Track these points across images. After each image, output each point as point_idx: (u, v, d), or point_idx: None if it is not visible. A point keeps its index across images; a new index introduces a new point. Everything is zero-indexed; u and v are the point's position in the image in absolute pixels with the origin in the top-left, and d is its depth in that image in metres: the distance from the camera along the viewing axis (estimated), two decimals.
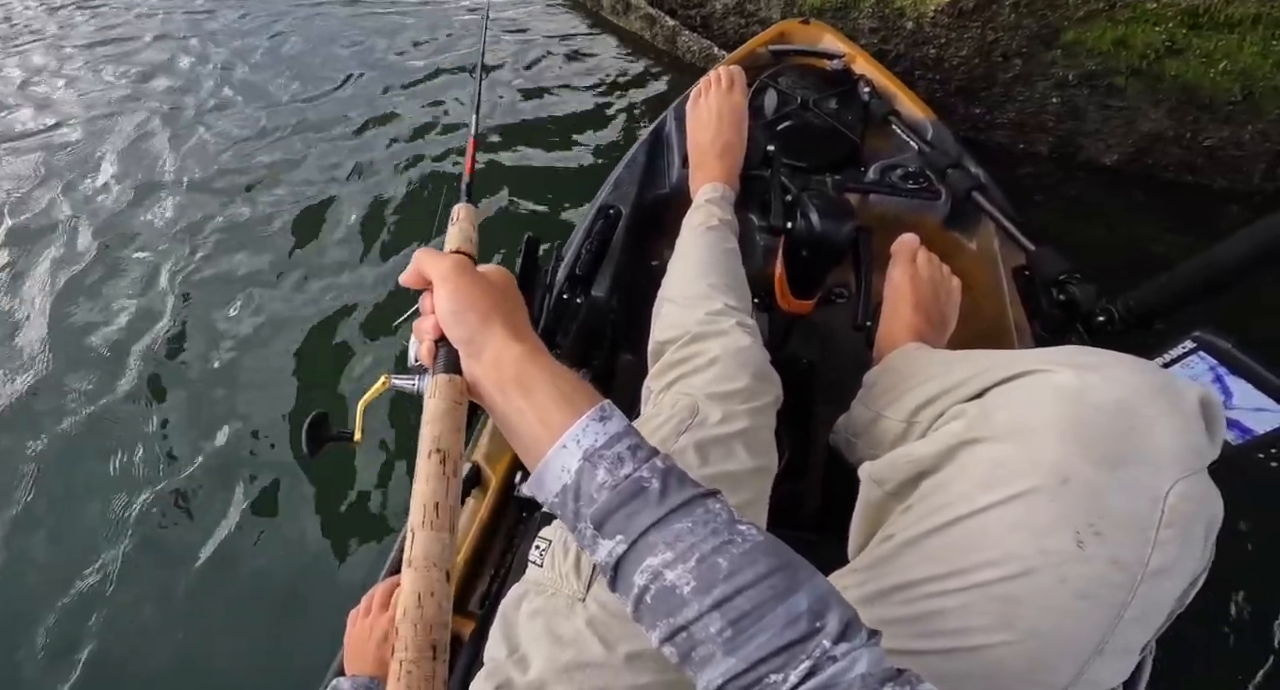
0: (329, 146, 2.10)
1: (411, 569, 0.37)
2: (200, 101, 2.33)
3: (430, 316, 0.47)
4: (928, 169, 1.19)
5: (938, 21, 1.77)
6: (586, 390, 0.43)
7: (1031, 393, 0.52)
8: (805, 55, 1.40)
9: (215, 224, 1.86)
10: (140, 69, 2.52)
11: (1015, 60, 1.75)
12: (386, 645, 0.68)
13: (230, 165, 2.05)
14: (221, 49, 2.62)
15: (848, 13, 1.89)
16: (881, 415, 0.72)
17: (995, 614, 0.46)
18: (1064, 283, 0.89)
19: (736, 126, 1.06)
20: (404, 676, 0.34)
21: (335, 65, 2.47)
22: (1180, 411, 0.47)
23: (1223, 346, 0.67)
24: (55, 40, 2.77)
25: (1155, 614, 0.46)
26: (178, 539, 1.25)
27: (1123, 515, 0.45)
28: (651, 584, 0.37)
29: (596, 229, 1.12)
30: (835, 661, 0.33)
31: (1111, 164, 1.80)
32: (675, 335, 0.75)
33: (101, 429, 1.42)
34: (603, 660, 0.51)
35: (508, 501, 0.89)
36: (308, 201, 1.90)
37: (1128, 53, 1.63)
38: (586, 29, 2.60)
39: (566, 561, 0.57)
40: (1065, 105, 1.77)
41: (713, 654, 0.35)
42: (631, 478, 0.39)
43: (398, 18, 2.74)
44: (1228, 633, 1.08)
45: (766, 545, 0.38)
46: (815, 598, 0.36)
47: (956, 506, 0.50)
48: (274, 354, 1.53)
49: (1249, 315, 1.39)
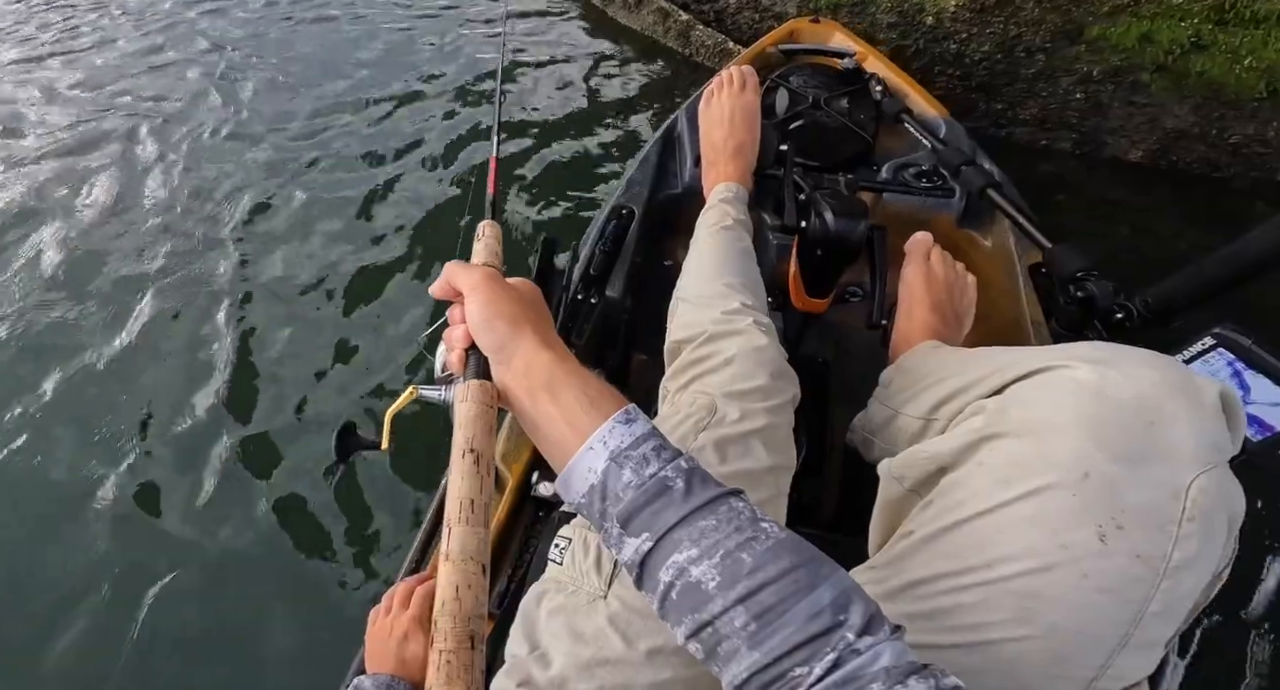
0: (351, 160, 2.12)
1: (449, 562, 0.38)
2: (219, 117, 2.35)
3: (460, 325, 0.48)
4: (941, 167, 1.19)
5: (958, 17, 1.76)
6: (612, 394, 0.44)
7: (1051, 389, 0.52)
8: (816, 54, 1.40)
9: (248, 235, 1.88)
10: (147, 97, 2.51)
11: (1038, 56, 1.73)
12: (407, 643, 0.68)
13: (251, 180, 2.07)
14: (233, 56, 2.64)
15: (865, 8, 1.87)
16: (899, 413, 0.72)
17: (1015, 609, 0.46)
18: (1081, 280, 0.88)
19: (749, 126, 1.06)
20: (444, 666, 0.34)
21: (350, 81, 2.47)
22: (1200, 407, 0.47)
23: (1242, 343, 0.67)
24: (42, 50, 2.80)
25: (1179, 608, 0.46)
26: (197, 540, 1.27)
27: (1144, 510, 0.45)
28: (677, 580, 0.38)
29: (610, 229, 1.12)
30: (859, 655, 0.33)
31: (1135, 160, 1.78)
32: (692, 335, 0.75)
33: (120, 435, 1.44)
34: (624, 656, 0.52)
35: (524, 501, 0.89)
36: (335, 218, 1.92)
37: (1153, 48, 1.61)
38: (597, 28, 2.60)
39: (587, 559, 0.57)
40: (1089, 101, 1.75)
41: (737, 648, 0.36)
42: (657, 477, 0.40)
43: (413, 25, 2.76)
44: (1250, 629, 1.07)
45: (789, 541, 0.38)
46: (838, 592, 0.36)
47: (976, 502, 0.50)
48: (301, 366, 1.55)
49: (1269, 312, 1.37)
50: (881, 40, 1.87)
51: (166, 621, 1.18)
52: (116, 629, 1.16)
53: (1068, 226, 1.68)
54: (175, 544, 1.27)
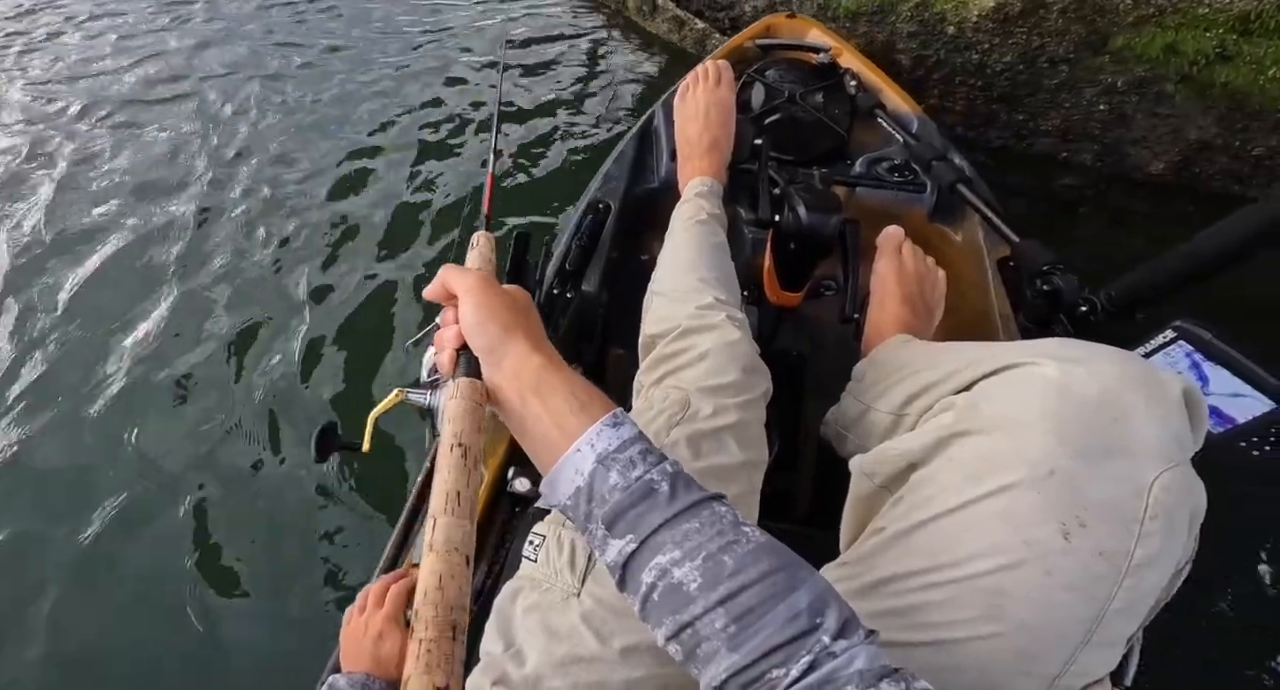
0: (348, 166, 2.10)
1: (433, 552, 0.38)
2: (222, 118, 2.31)
3: (453, 326, 0.49)
4: (913, 162, 1.20)
5: (981, 27, 1.74)
6: (600, 398, 0.45)
7: (1018, 385, 0.53)
8: (792, 49, 1.40)
9: (238, 240, 1.86)
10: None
11: (1062, 66, 1.72)
12: (382, 642, 0.68)
13: (245, 184, 2.04)
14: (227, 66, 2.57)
15: (885, 17, 1.84)
16: (871, 408, 0.73)
17: (984, 606, 0.46)
18: (1048, 274, 0.90)
19: (724, 121, 1.06)
20: (424, 655, 0.34)
21: (350, 83, 2.45)
22: (1163, 403, 0.48)
23: (1202, 336, 0.68)
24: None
25: (1141, 605, 0.47)
26: (169, 541, 1.25)
27: (1108, 507, 0.45)
28: (659, 581, 0.38)
29: (586, 224, 1.12)
30: (834, 657, 0.34)
31: (1158, 173, 1.77)
32: (666, 329, 0.75)
33: (109, 430, 1.43)
34: (598, 654, 0.52)
35: (500, 498, 0.89)
36: (328, 223, 1.91)
37: (1177, 59, 1.60)
38: (610, 32, 2.59)
39: (561, 557, 0.57)
40: (1112, 112, 1.73)
41: (717, 650, 0.36)
42: (643, 480, 0.40)
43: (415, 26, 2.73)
44: (1210, 621, 1.10)
45: (769, 545, 0.39)
46: (814, 595, 0.37)
47: (945, 499, 0.50)
48: (284, 368, 1.54)
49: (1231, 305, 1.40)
50: (901, 50, 1.84)
51: (136, 623, 1.16)
52: (82, 631, 1.14)
53: (1086, 241, 1.69)
54: (146, 545, 1.25)
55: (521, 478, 0.87)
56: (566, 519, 0.60)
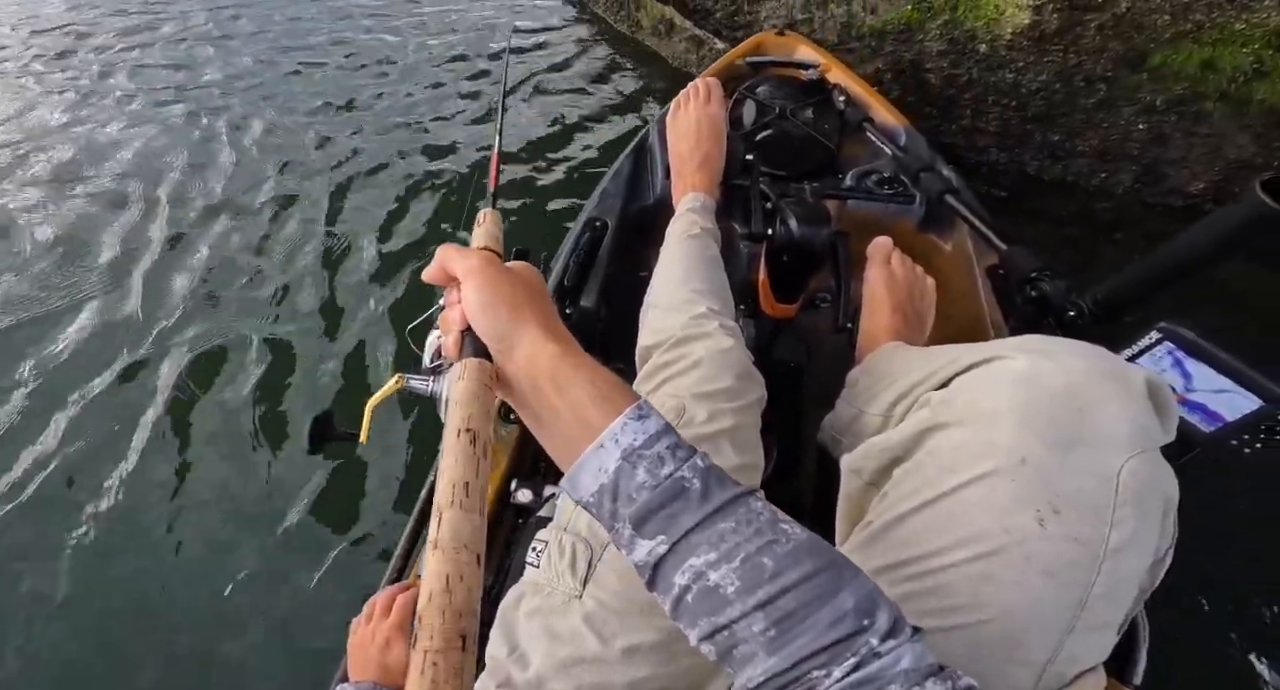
0: (348, 151, 2.17)
1: (438, 551, 0.34)
2: (220, 108, 2.41)
3: (456, 307, 0.45)
4: (902, 173, 1.22)
5: (1015, 45, 1.66)
6: (623, 388, 0.42)
7: (989, 379, 0.55)
8: (782, 66, 1.44)
9: (237, 229, 1.92)
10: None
11: (1099, 85, 1.66)
12: (389, 650, 0.69)
13: (248, 172, 2.12)
14: (234, 57, 2.71)
15: (913, 35, 1.78)
16: (863, 412, 0.75)
17: (970, 593, 0.47)
18: (1035, 280, 0.92)
19: (715, 137, 1.09)
20: (428, 669, 0.29)
21: (360, 72, 2.57)
22: (1128, 393, 0.50)
23: (1186, 335, 0.70)
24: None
25: (1123, 590, 0.48)
26: (174, 551, 1.26)
27: (1079, 494, 0.47)
28: (694, 584, 0.37)
29: (584, 241, 1.14)
30: (880, 657, 0.34)
31: (1197, 192, 1.71)
32: (661, 339, 0.77)
33: (105, 427, 1.45)
34: (600, 655, 0.53)
35: (503, 510, 0.90)
36: (328, 203, 1.96)
37: (1215, 76, 1.54)
38: (609, 50, 2.66)
39: (563, 561, 0.59)
40: (1151, 132, 1.68)
41: (754, 653, 0.35)
42: (673, 477, 0.38)
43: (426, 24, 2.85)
44: (1207, 619, 1.10)
45: (810, 544, 0.37)
46: (861, 596, 0.36)
47: (927, 489, 0.52)
48: (284, 359, 1.56)
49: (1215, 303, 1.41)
50: (930, 69, 1.79)
51: (139, 632, 1.16)
52: (79, 641, 1.15)
53: (1122, 262, 1.67)
54: (149, 555, 1.26)
55: (524, 489, 0.89)
56: (576, 518, 0.61)
